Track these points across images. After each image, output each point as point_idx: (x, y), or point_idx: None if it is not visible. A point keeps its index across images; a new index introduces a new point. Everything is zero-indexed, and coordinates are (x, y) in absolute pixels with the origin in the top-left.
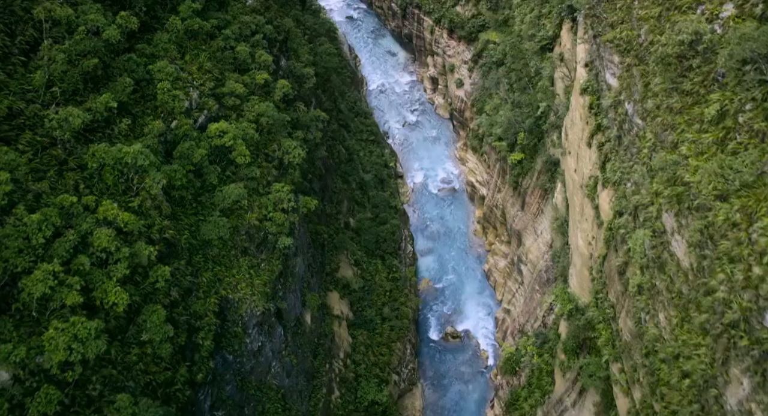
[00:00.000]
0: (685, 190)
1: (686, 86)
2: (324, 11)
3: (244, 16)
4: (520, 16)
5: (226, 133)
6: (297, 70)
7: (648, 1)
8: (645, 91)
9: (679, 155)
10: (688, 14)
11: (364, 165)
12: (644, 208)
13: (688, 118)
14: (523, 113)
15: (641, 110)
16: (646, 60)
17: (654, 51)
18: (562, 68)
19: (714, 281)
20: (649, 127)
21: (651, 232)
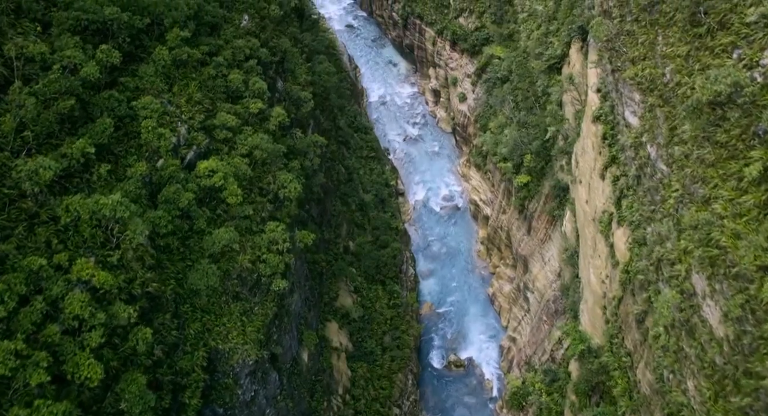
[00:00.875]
0: (720, 254)
1: (721, 137)
2: (323, 20)
3: (237, 40)
4: (526, 32)
5: (216, 173)
6: (294, 93)
7: (674, 38)
8: (670, 135)
9: (713, 214)
10: (722, 58)
11: (365, 184)
12: (670, 263)
13: (722, 173)
14: (529, 134)
15: (666, 156)
16: (672, 102)
17: (682, 94)
18: (572, 92)
19: (761, 367)
20: (676, 175)
21: (679, 293)
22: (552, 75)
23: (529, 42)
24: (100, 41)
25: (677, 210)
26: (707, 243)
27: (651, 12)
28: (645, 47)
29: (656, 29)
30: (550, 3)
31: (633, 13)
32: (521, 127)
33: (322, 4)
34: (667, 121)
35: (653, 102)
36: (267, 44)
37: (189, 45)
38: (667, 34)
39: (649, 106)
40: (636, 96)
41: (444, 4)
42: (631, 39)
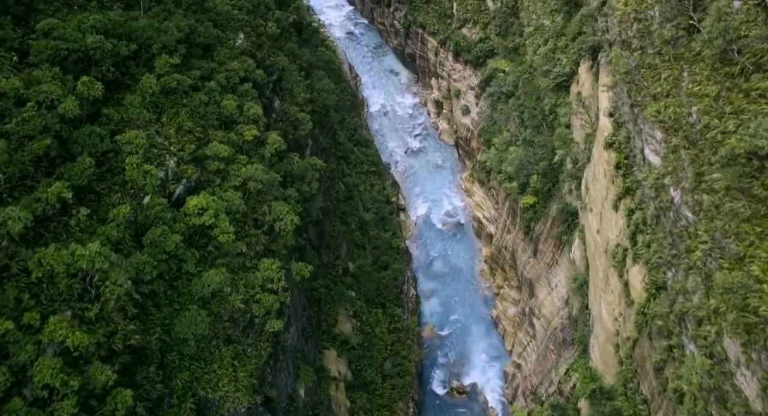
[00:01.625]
0: (758, 323)
1: (757, 191)
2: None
3: (231, 61)
4: (532, 47)
5: (207, 210)
6: (292, 114)
7: (701, 76)
8: (697, 180)
9: (749, 275)
10: (759, 104)
11: (365, 202)
12: (696, 320)
13: (760, 231)
14: (536, 154)
15: (692, 202)
16: (700, 145)
17: (711, 138)
18: (583, 115)
19: None
20: (704, 225)
21: (709, 357)
22: (560, 93)
23: (536, 57)
24: (82, 70)
25: (705, 264)
26: (743, 308)
27: (675, 45)
28: (668, 83)
29: (681, 64)
30: (557, 18)
31: (655, 45)
32: (527, 145)
33: (322, 10)
34: (694, 165)
35: (678, 143)
36: (263, 63)
37: (180, 69)
38: (694, 70)
39: (672, 146)
40: (658, 134)
41: (447, 14)
42: (653, 73)
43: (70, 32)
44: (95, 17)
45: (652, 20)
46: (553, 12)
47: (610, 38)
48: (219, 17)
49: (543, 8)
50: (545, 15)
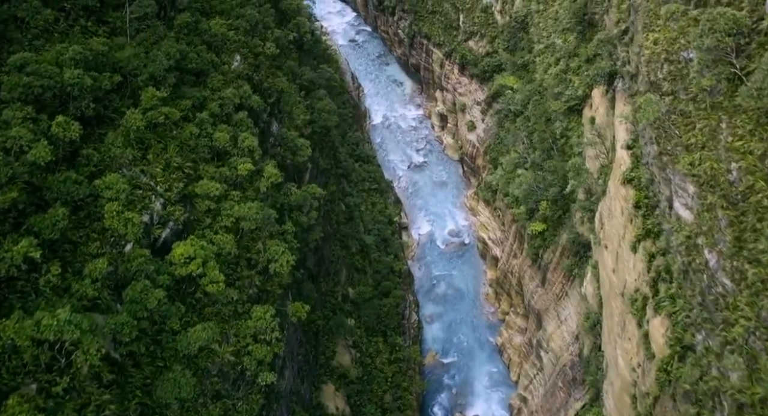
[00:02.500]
0: None
1: None
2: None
3: (226, 88)
4: (542, 65)
5: (194, 259)
6: (290, 139)
7: (743, 130)
8: (738, 245)
9: None
10: None
11: (366, 222)
12: (735, 403)
13: None
14: (546, 180)
15: (731, 270)
16: (741, 207)
17: (756, 202)
18: (599, 146)
19: None
20: (746, 299)
21: None
22: (571, 116)
23: (546, 76)
24: (60, 105)
25: (747, 342)
26: None
27: (713, 94)
28: (704, 135)
29: (719, 115)
30: (570, 37)
31: (689, 91)
32: (536, 169)
33: (325, 16)
34: (733, 228)
35: (714, 201)
36: (261, 86)
37: (170, 99)
38: (735, 123)
39: (708, 204)
40: (690, 188)
41: (453, 26)
42: (686, 121)
43: (45, 67)
44: (75, 48)
45: (686, 63)
46: (565, 31)
47: (631, 70)
48: (214, 39)
49: (554, 26)
50: (557, 33)
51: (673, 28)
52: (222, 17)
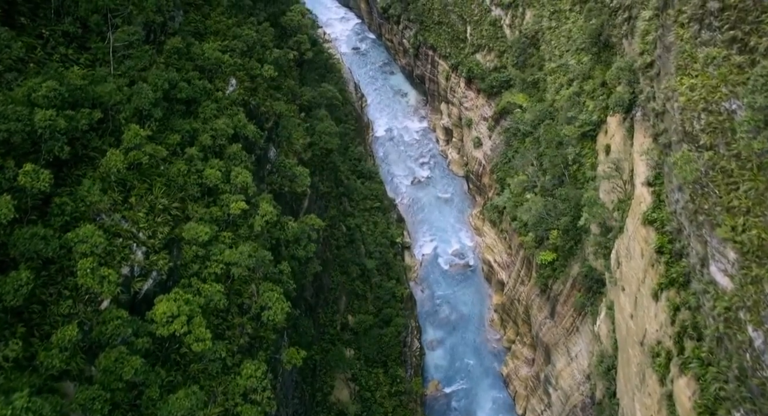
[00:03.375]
0: None
1: None
2: (329, 43)
3: (219, 118)
4: (554, 85)
5: (178, 316)
6: (288, 168)
7: None
8: None
9: None
10: None
11: (367, 244)
12: None
13: None
14: (556, 208)
15: None
16: None
17: None
18: (616, 180)
19: None
20: None
21: None
22: (585, 142)
23: (558, 97)
24: (32, 146)
25: None
26: None
27: (764, 155)
28: (749, 198)
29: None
30: (584, 58)
31: (732, 147)
32: (546, 194)
33: (328, 22)
34: None
35: (762, 274)
36: (258, 110)
37: (156, 135)
38: None
39: (753, 276)
40: (730, 254)
41: (460, 38)
42: (728, 180)
43: (12, 109)
44: (49, 84)
45: (729, 115)
46: (578, 51)
47: (657, 109)
48: (207, 64)
49: (567, 45)
50: (570, 53)
51: (712, 74)
52: (217, 38)
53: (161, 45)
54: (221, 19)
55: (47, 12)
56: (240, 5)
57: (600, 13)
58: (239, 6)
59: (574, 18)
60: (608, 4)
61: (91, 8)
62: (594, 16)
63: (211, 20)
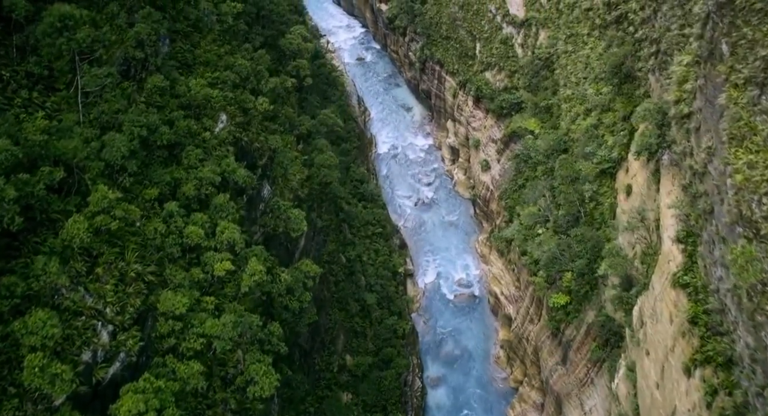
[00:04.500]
0: None
1: None
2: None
3: (205, 164)
4: (569, 113)
5: (146, 413)
6: (282, 210)
7: None
8: None
9: None
10: None
11: (368, 276)
12: None
13: None
14: (571, 248)
15: None
16: None
17: None
18: (639, 231)
19: None
20: None
21: None
22: (603, 179)
23: (573, 126)
24: None
25: None
26: None
27: None
28: None
29: None
30: (604, 89)
31: None
32: (560, 231)
33: (332, 31)
34: None
35: None
36: (251, 146)
37: (131, 190)
38: None
39: None
40: None
41: (469, 55)
42: None
43: None
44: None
45: None
46: (597, 79)
47: (697, 168)
48: (194, 101)
49: (585, 72)
50: (588, 81)
51: None
52: (207, 69)
53: (142, 81)
54: (212, 48)
55: (9, 50)
56: (234, 31)
57: (623, 42)
58: (233, 32)
59: (592, 44)
60: (632, 33)
61: (55, 53)
62: (616, 45)
63: (201, 49)
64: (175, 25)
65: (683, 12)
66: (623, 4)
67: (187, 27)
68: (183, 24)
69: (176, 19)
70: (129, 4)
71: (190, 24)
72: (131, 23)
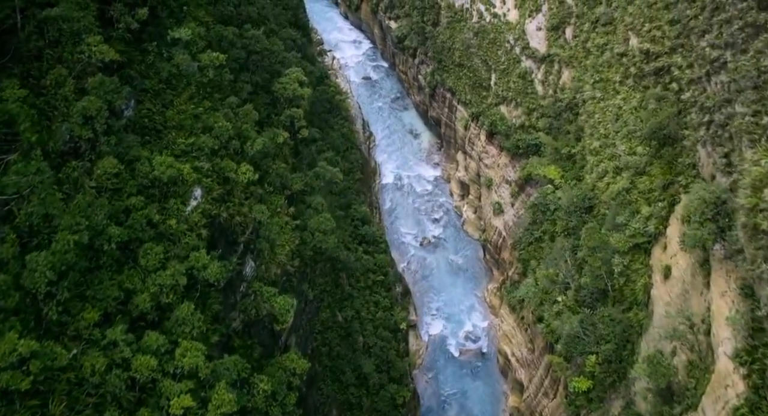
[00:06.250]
0: None
1: None
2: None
3: (165, 268)
4: (596, 169)
5: None
6: (266, 296)
7: None
8: None
9: None
10: None
11: (367, 336)
12: None
13: None
14: (597, 329)
15: None
16: None
17: None
18: (687, 336)
19: None
20: None
21: None
22: (637, 254)
23: (600, 184)
24: None
25: None
26: None
27: None
28: None
29: None
30: (639, 148)
31: None
32: (583, 304)
33: (338, 45)
34: None
35: None
36: (231, 222)
37: (60, 322)
38: None
39: None
40: None
41: (483, 85)
42: None
43: None
44: None
45: None
46: (631, 136)
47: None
48: (158, 182)
49: (616, 125)
50: (620, 136)
51: None
52: (181, 134)
53: (95, 161)
54: (187, 108)
55: None
56: (217, 83)
57: (662, 98)
58: (216, 84)
59: (625, 94)
60: (675, 90)
61: None
62: (654, 101)
63: (174, 110)
64: (144, 82)
65: (759, 97)
66: (665, 56)
67: (158, 84)
68: (153, 81)
69: (145, 74)
70: (78, 69)
71: (162, 80)
72: (83, 89)
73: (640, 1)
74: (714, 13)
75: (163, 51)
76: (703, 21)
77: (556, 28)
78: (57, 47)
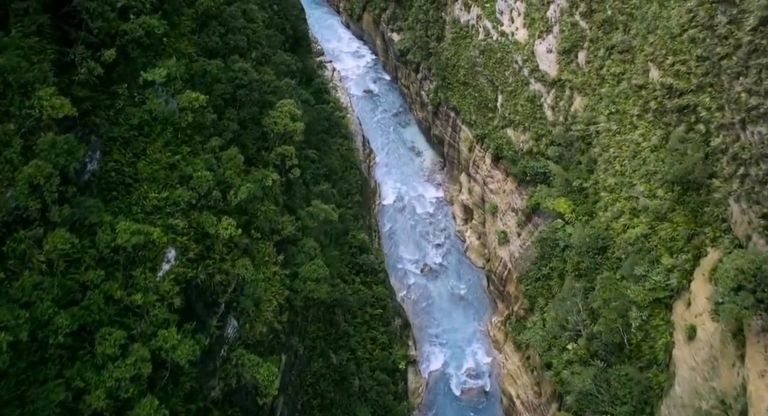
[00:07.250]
0: None
1: None
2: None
3: (125, 356)
4: (611, 208)
5: None
6: (248, 365)
7: None
8: None
9: None
10: None
11: (363, 379)
12: None
13: None
14: (612, 388)
15: None
16: None
17: None
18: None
19: None
20: None
21: None
22: (657, 309)
23: (615, 225)
24: None
25: None
26: None
27: None
28: None
29: None
30: (660, 191)
31: None
32: (596, 357)
33: (339, 56)
34: None
35: None
36: (210, 281)
37: None
38: None
39: None
40: None
41: (489, 107)
42: None
43: None
44: None
45: None
46: (651, 177)
47: None
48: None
49: (633, 162)
50: (638, 175)
51: None
52: (153, 187)
53: (47, 233)
54: (162, 157)
55: None
56: (198, 123)
57: (685, 139)
58: (197, 125)
59: (644, 129)
60: (701, 132)
61: None
62: (678, 141)
63: (146, 160)
64: (112, 129)
65: None
66: (691, 94)
67: (128, 131)
68: (123, 128)
69: (114, 121)
70: (28, 125)
71: (132, 127)
72: (32, 148)
73: (662, 31)
74: (751, 55)
75: (135, 94)
76: (737, 62)
77: (568, 52)
78: (3, 100)
